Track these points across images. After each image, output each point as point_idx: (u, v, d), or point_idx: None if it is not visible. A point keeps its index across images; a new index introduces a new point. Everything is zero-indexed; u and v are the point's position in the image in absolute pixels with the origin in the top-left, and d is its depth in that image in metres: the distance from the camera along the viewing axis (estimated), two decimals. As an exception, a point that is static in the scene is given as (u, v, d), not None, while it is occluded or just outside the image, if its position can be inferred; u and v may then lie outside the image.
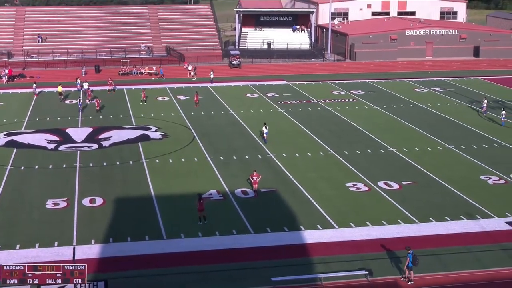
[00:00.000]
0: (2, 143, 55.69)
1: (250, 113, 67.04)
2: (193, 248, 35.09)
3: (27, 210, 40.50)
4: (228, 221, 38.53)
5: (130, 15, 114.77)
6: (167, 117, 65.30)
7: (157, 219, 38.77)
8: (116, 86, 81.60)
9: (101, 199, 42.22)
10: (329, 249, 34.67)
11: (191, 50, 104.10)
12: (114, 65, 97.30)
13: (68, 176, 46.98)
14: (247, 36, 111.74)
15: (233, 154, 52.22)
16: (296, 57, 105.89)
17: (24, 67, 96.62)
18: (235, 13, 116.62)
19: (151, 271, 32.47)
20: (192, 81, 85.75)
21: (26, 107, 70.01)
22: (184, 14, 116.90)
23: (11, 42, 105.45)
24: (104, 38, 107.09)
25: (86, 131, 59.72)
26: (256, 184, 42.70)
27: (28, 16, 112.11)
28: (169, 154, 52.28)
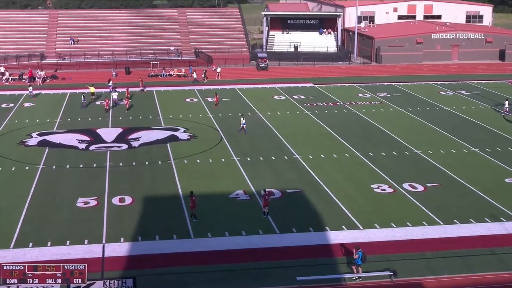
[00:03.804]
0: (35, 143, 56.66)
1: (276, 115, 67.46)
2: (219, 247, 35.49)
3: (58, 208, 41.22)
4: (254, 221, 38.91)
5: (159, 18, 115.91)
6: (195, 118, 65.94)
7: (185, 218, 39.29)
8: (146, 87, 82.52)
9: (130, 198, 42.87)
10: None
11: (219, 52, 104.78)
12: (143, 67, 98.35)
13: (98, 175, 47.72)
14: (275, 39, 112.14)
15: (259, 155, 52.69)
16: (323, 60, 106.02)
17: (56, 68, 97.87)
18: (262, 16, 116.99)
19: (179, 269, 32.93)
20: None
21: (58, 108, 71.12)
22: (213, 17, 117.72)
23: (44, 44, 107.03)
24: (134, 41, 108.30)
25: (116, 131, 60.59)
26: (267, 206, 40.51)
27: (61, 19, 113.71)
28: (197, 154, 52.90)
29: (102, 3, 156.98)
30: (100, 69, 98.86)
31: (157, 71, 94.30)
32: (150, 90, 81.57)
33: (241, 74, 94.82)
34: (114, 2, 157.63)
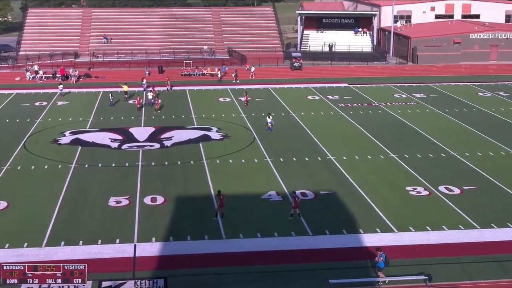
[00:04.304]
0: (68, 141, 56.84)
1: (310, 115, 66.96)
2: (251, 248, 35.20)
3: (90, 207, 41.27)
4: (287, 223, 38.50)
5: (193, 17, 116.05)
6: (228, 118, 65.75)
7: (217, 219, 38.99)
8: (179, 87, 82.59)
9: (162, 198, 42.73)
10: (388, 253, 34.20)
11: (253, 52, 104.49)
12: (176, 66, 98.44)
13: (131, 174, 47.69)
14: (309, 38, 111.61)
15: (292, 155, 52.24)
16: (358, 60, 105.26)
17: (90, 67, 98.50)
18: (297, 15, 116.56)
19: (210, 270, 32.67)
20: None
21: (91, 106, 71.43)
22: (247, 16, 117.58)
23: (78, 42, 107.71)
24: (167, 40, 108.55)
25: (148, 130, 60.56)
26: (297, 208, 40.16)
27: (95, 17, 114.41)
28: (229, 154, 52.63)
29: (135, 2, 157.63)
30: (133, 68, 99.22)
31: (190, 70, 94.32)
32: (183, 89, 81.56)
33: (274, 74, 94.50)
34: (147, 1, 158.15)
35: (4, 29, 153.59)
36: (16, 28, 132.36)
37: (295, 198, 39.80)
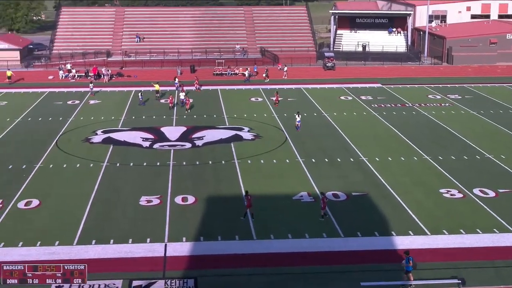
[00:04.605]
0: (100, 140, 57.07)
1: (343, 116, 66.45)
2: (282, 249, 34.95)
3: (121, 206, 41.32)
4: (318, 224, 38.19)
5: (225, 16, 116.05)
6: (260, 117, 65.51)
7: (248, 219, 38.75)
8: (211, 86, 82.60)
9: (193, 198, 42.63)
10: (420, 256, 33.83)
11: (285, 51, 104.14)
12: (209, 65, 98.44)
13: (162, 174, 47.66)
14: (342, 38, 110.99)
15: (324, 156, 51.85)
16: (392, 60, 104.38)
17: (122, 66, 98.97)
18: (330, 15, 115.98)
19: (240, 271, 32.53)
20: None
21: (123, 105, 71.67)
22: (280, 15, 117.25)
23: (110, 41, 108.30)
24: (199, 39, 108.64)
25: (180, 130, 60.55)
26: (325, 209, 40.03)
27: (127, 16, 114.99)
28: (261, 155, 52.39)
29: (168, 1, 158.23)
30: (165, 67, 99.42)
31: (222, 69, 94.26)
32: (215, 89, 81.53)
33: (307, 74, 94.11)
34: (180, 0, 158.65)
35: (38, 28, 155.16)
36: (50, 27, 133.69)
37: (323, 199, 39.54)
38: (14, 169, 48.57)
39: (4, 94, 78.83)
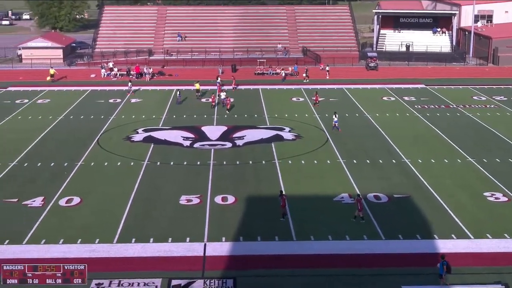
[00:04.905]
0: (140, 139, 57.30)
1: (385, 117, 65.76)
2: (322, 251, 34.67)
3: (161, 204, 41.36)
4: (359, 226, 37.76)
5: (267, 15, 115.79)
6: (301, 118, 65.15)
7: (288, 220, 38.54)
8: (252, 86, 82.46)
9: (233, 197, 42.51)
10: (463, 260, 33.27)
11: (328, 51, 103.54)
12: (250, 64, 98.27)
13: (202, 173, 47.62)
14: (385, 38, 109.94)
15: (366, 157, 51.31)
16: (436, 60, 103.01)
17: (163, 65, 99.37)
18: (373, 14, 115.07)
19: (280, 271, 32.30)
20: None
21: (164, 104, 71.86)
22: (322, 14, 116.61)
23: (152, 40, 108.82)
24: (241, 38, 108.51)
25: (220, 129, 60.50)
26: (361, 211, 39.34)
27: (169, 15, 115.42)
28: (301, 155, 52.03)
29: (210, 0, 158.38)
30: (206, 66, 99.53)
31: (263, 69, 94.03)
32: (256, 88, 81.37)
33: (349, 74, 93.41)
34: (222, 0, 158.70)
35: (81, 27, 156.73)
36: (92, 26, 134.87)
37: (359, 201, 39.10)
38: (56, 167, 48.98)
39: (47, 92, 79.69)
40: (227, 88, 77.96)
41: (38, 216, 39.33)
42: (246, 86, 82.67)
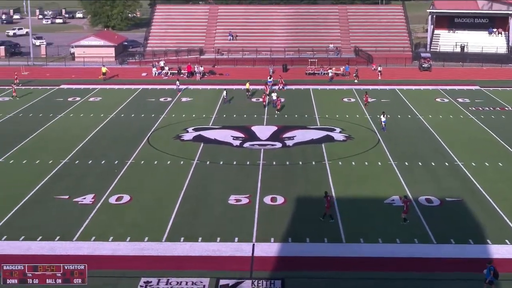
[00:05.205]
0: (190, 138, 57.38)
1: (438, 119, 64.70)
2: (371, 253, 34.23)
3: (210, 204, 41.30)
4: (410, 229, 37.17)
5: (319, 14, 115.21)
6: (352, 118, 64.54)
7: (337, 222, 38.16)
8: (303, 86, 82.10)
9: (282, 198, 42.22)
10: (518, 267, 32.55)
11: (380, 51, 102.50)
12: (301, 64, 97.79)
13: (251, 173, 47.46)
14: (439, 39, 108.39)
15: (418, 160, 50.50)
16: (491, 61, 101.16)
17: (214, 64, 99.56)
18: (427, 14, 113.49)
19: (328, 274, 31.99)
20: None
21: (214, 103, 71.89)
22: (375, 14, 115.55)
23: (203, 39, 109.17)
24: (292, 37, 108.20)
25: (270, 129, 60.26)
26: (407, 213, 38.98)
27: (221, 14, 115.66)
28: (352, 156, 51.49)
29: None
30: (257, 66, 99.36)
31: (314, 69, 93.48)
32: (307, 88, 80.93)
33: (402, 75, 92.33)
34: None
35: (133, 25, 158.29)
36: (144, 24, 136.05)
37: (406, 202, 38.53)
38: (106, 165, 49.36)
39: (98, 90, 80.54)
40: (275, 88, 77.81)
41: (88, 213, 39.65)
42: (297, 86, 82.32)
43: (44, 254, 34.02)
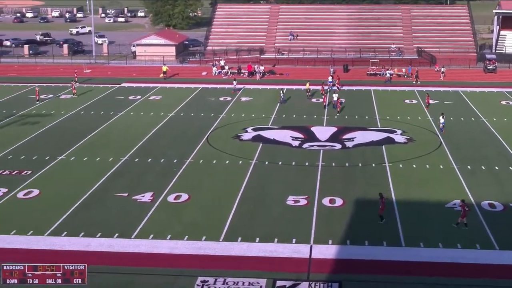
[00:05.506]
0: (249, 138, 57.34)
1: (503, 122, 63.21)
2: (431, 258, 33.54)
3: (268, 204, 41.14)
4: (472, 234, 36.35)
5: (382, 14, 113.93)
6: (414, 120, 63.54)
7: (397, 225, 37.59)
8: (364, 86, 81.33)
9: (341, 200, 41.81)
10: None
11: (444, 52, 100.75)
12: (362, 65, 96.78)
13: (310, 174, 47.10)
14: (506, 40, 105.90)
15: (481, 163, 49.40)
16: None
17: (275, 63, 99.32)
18: (494, 14, 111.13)
19: (386, 278, 31.53)
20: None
21: (274, 103, 71.54)
22: (439, 14, 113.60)
23: (264, 39, 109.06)
24: (354, 37, 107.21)
25: (330, 130, 59.77)
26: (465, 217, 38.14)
27: (282, 13, 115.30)
28: (413, 159, 50.66)
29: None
30: (317, 66, 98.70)
31: (376, 70, 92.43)
32: (368, 89, 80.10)
33: (466, 76, 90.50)
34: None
35: (194, 24, 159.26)
36: (205, 23, 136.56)
37: (463, 207, 37.64)
38: (165, 163, 49.65)
39: (159, 89, 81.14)
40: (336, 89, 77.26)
41: (147, 211, 39.92)
42: (357, 87, 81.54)
43: (103, 251, 34.48)
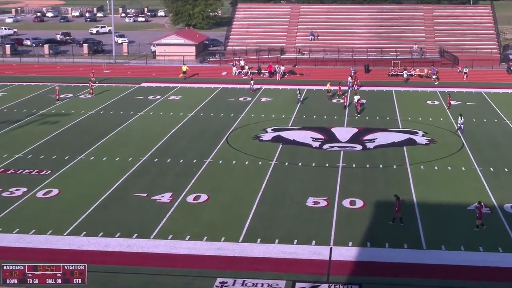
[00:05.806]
0: (269, 138, 57.10)
1: (526, 123, 62.65)
2: (453, 261, 33.22)
3: (288, 205, 40.94)
4: (495, 237, 35.92)
5: (404, 14, 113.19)
6: (436, 122, 62.98)
7: (418, 227, 37.25)
8: (385, 87, 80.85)
9: (361, 202, 41.50)
10: None
11: (466, 53, 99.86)
12: (383, 65, 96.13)
13: (330, 175, 46.83)
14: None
15: (504, 165, 48.85)
16: None
17: (295, 64, 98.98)
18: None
19: (407, 280, 31.29)
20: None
21: (294, 104, 71.28)
22: (461, 14, 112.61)
23: (284, 38, 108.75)
24: (375, 38, 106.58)
25: (351, 131, 59.41)
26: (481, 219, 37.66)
27: (303, 13, 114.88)
28: (435, 160, 50.19)
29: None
30: (338, 66, 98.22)
31: (397, 70, 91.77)
32: (389, 90, 79.57)
33: (489, 77, 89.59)
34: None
35: (214, 24, 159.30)
36: (225, 23, 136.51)
37: (479, 208, 37.21)
38: (185, 163, 49.57)
39: (178, 89, 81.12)
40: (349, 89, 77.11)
41: (166, 211, 39.84)
42: (379, 87, 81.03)
43: (122, 251, 34.43)
